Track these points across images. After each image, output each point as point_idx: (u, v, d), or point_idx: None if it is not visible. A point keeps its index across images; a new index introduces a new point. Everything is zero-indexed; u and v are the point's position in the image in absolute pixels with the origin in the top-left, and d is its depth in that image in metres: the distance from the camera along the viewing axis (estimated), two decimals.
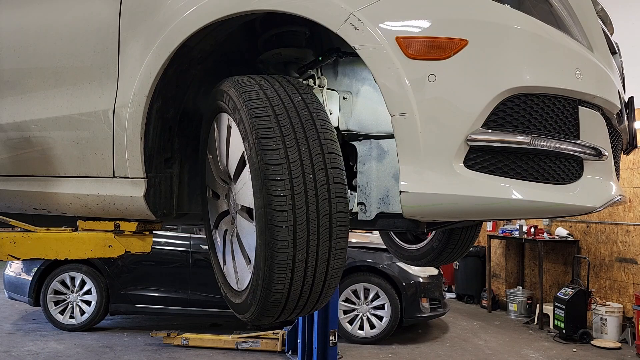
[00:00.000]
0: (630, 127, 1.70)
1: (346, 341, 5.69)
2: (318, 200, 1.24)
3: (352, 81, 1.67)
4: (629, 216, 6.39)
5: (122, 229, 1.85)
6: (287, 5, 1.33)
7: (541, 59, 1.27)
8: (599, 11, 1.60)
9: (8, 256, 1.78)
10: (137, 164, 1.60)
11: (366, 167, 1.61)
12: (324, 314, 4.41)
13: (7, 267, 6.43)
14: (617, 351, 5.78)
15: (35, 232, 1.82)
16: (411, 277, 5.76)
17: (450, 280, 8.75)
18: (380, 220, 1.58)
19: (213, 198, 1.71)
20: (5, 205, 2.09)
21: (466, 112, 1.22)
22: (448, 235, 2.59)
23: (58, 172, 1.86)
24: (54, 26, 1.85)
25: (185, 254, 5.99)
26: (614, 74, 1.50)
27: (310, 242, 1.24)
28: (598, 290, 6.58)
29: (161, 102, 1.61)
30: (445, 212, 1.27)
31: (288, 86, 1.37)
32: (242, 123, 1.30)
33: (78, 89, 1.77)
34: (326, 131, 1.30)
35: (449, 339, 6.10)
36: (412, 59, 1.23)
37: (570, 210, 1.30)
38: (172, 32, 1.50)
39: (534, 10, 1.34)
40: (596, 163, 1.34)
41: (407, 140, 1.23)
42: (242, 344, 5.44)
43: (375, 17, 1.26)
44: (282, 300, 1.29)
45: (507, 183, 1.25)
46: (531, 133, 1.25)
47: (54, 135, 1.84)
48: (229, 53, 1.79)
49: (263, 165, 1.23)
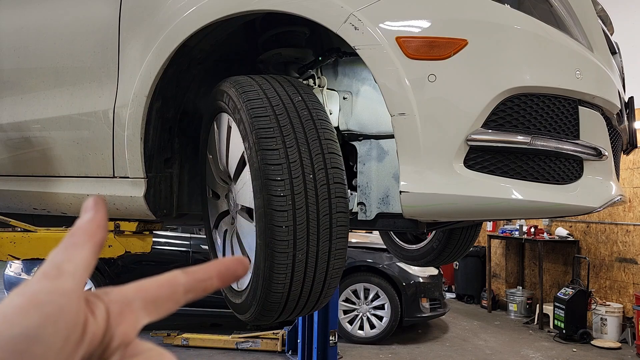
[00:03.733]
0: (630, 127, 1.70)
1: (346, 341, 5.69)
2: (318, 200, 1.24)
3: (352, 81, 1.67)
4: (629, 216, 6.39)
5: (122, 229, 1.85)
6: (287, 5, 1.33)
7: (541, 59, 1.27)
8: (599, 11, 1.60)
9: (8, 256, 1.78)
10: (137, 164, 1.60)
11: (366, 167, 1.61)
12: (324, 314, 4.41)
13: (7, 267, 6.43)
14: (617, 351, 5.78)
15: (35, 232, 1.82)
16: (411, 277, 5.76)
17: (450, 280, 8.75)
18: (380, 220, 1.58)
19: (213, 198, 1.71)
20: (5, 205, 2.09)
21: (466, 112, 1.22)
22: (448, 235, 2.59)
23: (58, 172, 1.86)
24: (54, 26, 1.85)
25: (185, 254, 5.99)
26: (614, 74, 1.50)
27: (310, 242, 1.24)
28: (598, 290, 6.58)
29: (161, 102, 1.62)
30: (445, 212, 1.27)
31: (288, 86, 1.37)
32: (242, 123, 1.30)
33: (78, 89, 1.77)
34: (326, 131, 1.31)
35: (449, 339, 6.10)
36: (412, 59, 1.23)
37: (570, 210, 1.30)
38: (172, 32, 1.50)
39: (534, 10, 1.34)
40: (596, 163, 1.34)
41: (407, 140, 1.23)
42: (242, 344, 5.44)
43: (375, 17, 1.26)
44: (282, 300, 1.29)
45: (507, 183, 1.25)
46: (531, 133, 1.25)
47: (54, 135, 1.84)
48: (229, 53, 1.80)
49: (263, 165, 1.23)
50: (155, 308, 0.33)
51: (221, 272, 0.35)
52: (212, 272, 0.35)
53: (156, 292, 0.33)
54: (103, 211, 0.33)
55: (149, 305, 0.32)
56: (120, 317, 0.31)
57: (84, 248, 0.31)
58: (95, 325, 0.29)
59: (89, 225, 0.32)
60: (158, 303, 0.33)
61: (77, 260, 0.31)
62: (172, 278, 0.34)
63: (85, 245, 0.31)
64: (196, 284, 0.34)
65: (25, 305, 0.27)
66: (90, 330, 0.29)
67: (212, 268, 0.35)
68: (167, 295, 0.33)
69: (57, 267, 0.30)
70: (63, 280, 0.29)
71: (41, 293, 0.28)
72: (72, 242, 0.31)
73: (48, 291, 0.28)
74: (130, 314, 0.31)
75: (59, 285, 0.29)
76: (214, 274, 0.35)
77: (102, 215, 0.33)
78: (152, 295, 0.33)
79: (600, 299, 6.37)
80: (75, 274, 0.30)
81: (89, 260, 0.31)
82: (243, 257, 0.37)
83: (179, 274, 0.34)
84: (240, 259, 0.36)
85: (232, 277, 0.36)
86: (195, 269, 0.35)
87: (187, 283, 0.34)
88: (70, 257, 0.31)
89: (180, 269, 0.35)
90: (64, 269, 0.30)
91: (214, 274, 0.35)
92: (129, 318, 0.31)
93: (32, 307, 0.27)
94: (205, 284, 0.35)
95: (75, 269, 0.30)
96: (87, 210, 0.33)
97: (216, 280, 0.35)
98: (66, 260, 0.30)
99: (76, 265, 0.30)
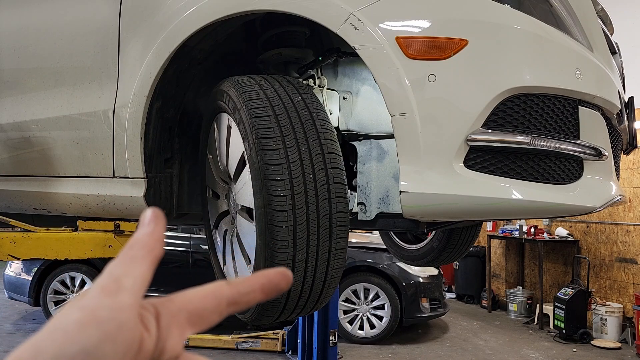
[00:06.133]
0: (630, 127, 1.70)
1: (346, 341, 5.69)
2: (318, 200, 1.24)
3: (352, 81, 1.67)
4: (629, 216, 6.39)
5: (122, 229, 1.85)
6: (287, 5, 1.33)
7: (541, 59, 1.27)
8: (599, 11, 1.60)
9: (8, 256, 1.78)
10: (137, 164, 1.60)
11: (366, 167, 1.61)
12: (324, 314, 4.41)
13: (7, 267, 6.43)
14: (617, 351, 5.78)
15: (35, 232, 1.82)
16: (411, 277, 5.76)
17: (450, 280, 8.75)
18: (380, 220, 1.58)
19: (213, 198, 1.71)
20: (5, 205, 2.09)
21: (466, 112, 1.22)
22: (448, 235, 2.59)
23: (58, 172, 1.86)
24: (54, 26, 1.85)
25: (185, 254, 5.99)
26: (614, 74, 1.50)
27: (310, 242, 1.24)
28: (598, 290, 6.58)
29: (161, 102, 1.62)
30: (445, 212, 1.27)
31: (288, 86, 1.37)
32: (242, 123, 1.30)
33: (78, 89, 1.77)
34: (326, 131, 1.31)
35: (449, 339, 6.10)
36: (412, 59, 1.23)
37: (570, 210, 1.30)
38: (173, 32, 1.50)
39: (534, 10, 1.34)
40: (596, 163, 1.34)
41: (407, 140, 1.23)
42: (242, 344, 5.44)
43: (375, 17, 1.26)
44: (282, 300, 1.29)
45: (507, 183, 1.25)
46: (531, 133, 1.25)
47: (54, 135, 1.84)
48: (229, 53, 1.80)
49: (263, 165, 1.23)
50: (199, 320, 0.32)
51: (264, 285, 0.35)
52: (256, 285, 0.35)
53: (201, 304, 0.32)
54: (162, 225, 0.33)
55: (193, 317, 0.32)
56: (169, 330, 0.31)
57: (143, 263, 0.31)
58: (150, 340, 0.29)
59: (149, 239, 0.32)
60: (203, 315, 0.32)
61: (136, 274, 0.30)
62: (217, 290, 0.33)
63: (144, 259, 0.31)
64: (240, 297, 0.34)
65: (85, 321, 0.27)
66: (145, 347, 0.29)
67: (255, 281, 0.35)
68: (211, 308, 0.33)
69: (116, 281, 0.29)
70: (122, 296, 0.29)
71: (101, 309, 0.27)
72: (131, 256, 0.31)
73: (108, 308, 0.28)
74: (178, 327, 0.31)
75: (119, 302, 0.28)
76: (257, 287, 0.35)
77: (161, 229, 0.33)
78: (197, 307, 0.32)
79: (600, 299, 6.37)
80: (133, 289, 0.29)
81: (147, 275, 0.31)
82: (286, 269, 0.36)
83: (223, 285, 0.34)
84: (283, 272, 0.36)
85: (275, 290, 0.35)
86: (239, 280, 0.35)
87: (231, 296, 0.33)
88: (129, 271, 0.30)
89: (224, 280, 0.35)
90: (123, 284, 0.29)
91: (257, 287, 0.35)
92: (176, 331, 0.31)
93: (92, 324, 0.27)
94: (248, 297, 0.34)
95: (133, 284, 0.30)
96: (146, 223, 0.32)
97: (259, 293, 0.35)
98: (125, 275, 0.30)
99: (135, 280, 0.30)
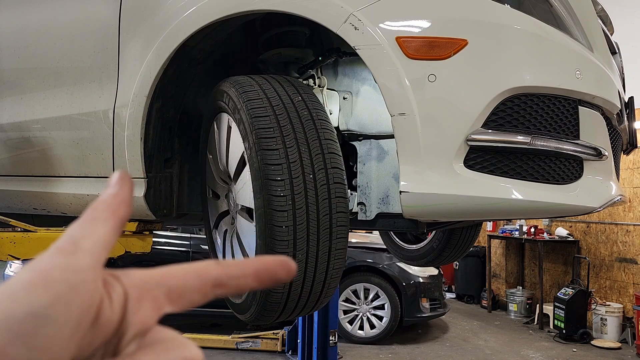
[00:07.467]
0: (630, 127, 1.70)
1: (346, 341, 5.69)
2: (318, 200, 1.24)
3: (352, 81, 1.67)
4: (629, 216, 6.39)
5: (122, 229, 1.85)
6: (287, 5, 1.33)
7: (541, 59, 1.27)
8: (599, 11, 1.60)
9: (8, 256, 1.78)
10: (137, 164, 1.60)
11: (366, 167, 1.61)
12: (324, 314, 4.41)
13: (7, 267, 6.43)
14: (617, 351, 5.78)
15: (35, 232, 1.82)
16: (411, 277, 5.76)
17: (450, 280, 8.74)
18: (380, 220, 1.58)
19: (213, 198, 1.71)
20: (5, 205, 2.09)
21: (466, 112, 1.22)
22: (448, 235, 2.59)
23: (58, 172, 1.86)
24: (54, 26, 1.85)
25: (185, 254, 5.98)
26: (614, 74, 1.50)
27: (310, 242, 1.24)
28: (598, 290, 6.58)
29: (161, 102, 1.62)
30: (445, 212, 1.27)
31: (288, 86, 1.37)
32: (242, 123, 1.30)
33: (78, 89, 1.77)
34: (326, 131, 1.31)
35: (449, 339, 6.09)
36: (412, 59, 1.23)
37: (570, 210, 1.30)
38: (173, 32, 1.50)
39: (534, 10, 1.34)
40: (596, 163, 1.34)
41: (407, 140, 1.23)
42: (242, 344, 5.44)
43: (375, 17, 1.26)
44: (282, 300, 1.29)
45: (507, 183, 1.25)
46: (531, 133, 1.25)
47: (54, 135, 1.84)
48: (229, 53, 1.80)
49: (263, 165, 1.23)
50: (179, 298, 0.30)
51: (259, 271, 0.31)
52: (249, 269, 0.31)
53: (183, 281, 0.30)
54: (128, 187, 0.30)
55: (173, 294, 0.29)
56: (139, 303, 0.28)
57: (105, 224, 0.28)
58: (110, 310, 0.26)
59: (112, 200, 0.30)
60: (183, 293, 0.30)
61: (97, 236, 0.28)
62: (203, 268, 0.30)
63: (106, 221, 0.29)
64: (228, 279, 0.30)
65: (35, 282, 0.24)
66: (104, 315, 0.26)
67: (249, 266, 0.31)
68: (194, 286, 0.30)
69: (74, 242, 0.27)
70: (79, 257, 0.26)
71: (54, 270, 0.25)
72: (92, 217, 0.29)
73: (62, 268, 0.25)
74: (151, 301, 0.28)
75: (74, 263, 0.26)
76: (250, 272, 0.31)
77: (126, 191, 0.30)
78: (178, 283, 0.29)
79: (600, 299, 6.37)
80: (93, 251, 0.27)
81: (109, 238, 0.28)
82: (288, 259, 0.32)
83: (211, 265, 0.31)
84: (284, 260, 0.32)
85: (271, 279, 0.31)
86: (231, 262, 0.31)
87: (218, 277, 0.30)
88: (90, 232, 0.28)
89: (214, 260, 0.32)
90: (81, 246, 0.27)
91: (250, 272, 0.31)
92: (148, 305, 0.28)
93: (43, 285, 0.24)
94: (238, 281, 0.31)
95: (93, 246, 0.27)
96: (112, 185, 0.30)
97: (252, 279, 0.31)
98: (84, 236, 0.27)
99: (95, 242, 0.27)
